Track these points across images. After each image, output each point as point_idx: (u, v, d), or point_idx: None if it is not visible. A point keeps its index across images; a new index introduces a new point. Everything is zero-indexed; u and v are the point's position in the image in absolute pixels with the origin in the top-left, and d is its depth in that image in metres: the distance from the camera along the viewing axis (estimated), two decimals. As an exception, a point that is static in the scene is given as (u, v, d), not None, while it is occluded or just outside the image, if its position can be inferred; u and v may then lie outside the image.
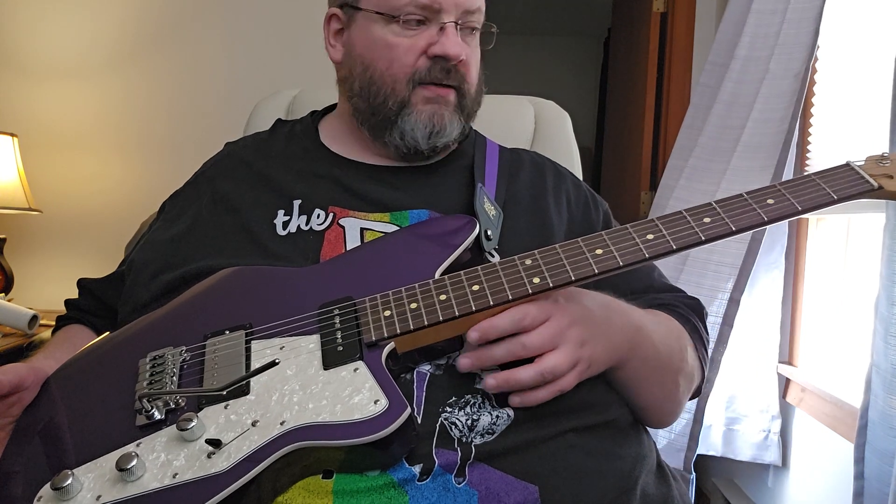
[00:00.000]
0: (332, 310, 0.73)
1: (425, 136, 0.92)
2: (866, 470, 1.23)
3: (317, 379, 0.65)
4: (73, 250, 2.37)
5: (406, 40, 0.91)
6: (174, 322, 0.78)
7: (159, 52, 2.37)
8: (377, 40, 0.92)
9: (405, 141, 0.93)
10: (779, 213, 0.70)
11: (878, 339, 1.21)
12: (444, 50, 0.89)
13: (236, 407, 0.64)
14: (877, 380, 1.20)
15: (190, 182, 1.03)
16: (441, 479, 0.63)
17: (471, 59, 0.94)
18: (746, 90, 1.83)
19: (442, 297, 0.70)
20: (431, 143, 0.93)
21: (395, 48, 0.91)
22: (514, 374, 0.67)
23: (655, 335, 0.81)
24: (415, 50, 0.90)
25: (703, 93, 1.99)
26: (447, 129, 0.93)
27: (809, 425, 1.74)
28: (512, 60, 4.89)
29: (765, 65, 1.79)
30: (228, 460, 0.59)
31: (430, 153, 0.95)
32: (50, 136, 2.33)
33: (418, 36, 0.91)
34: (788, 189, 0.71)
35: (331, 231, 0.87)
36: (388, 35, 0.91)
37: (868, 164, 0.74)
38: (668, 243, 0.70)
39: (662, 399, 0.84)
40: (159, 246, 0.93)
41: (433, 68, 0.90)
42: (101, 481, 0.61)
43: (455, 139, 0.96)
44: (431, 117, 0.92)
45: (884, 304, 1.20)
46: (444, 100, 0.92)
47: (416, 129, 0.92)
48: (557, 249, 0.72)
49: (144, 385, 0.69)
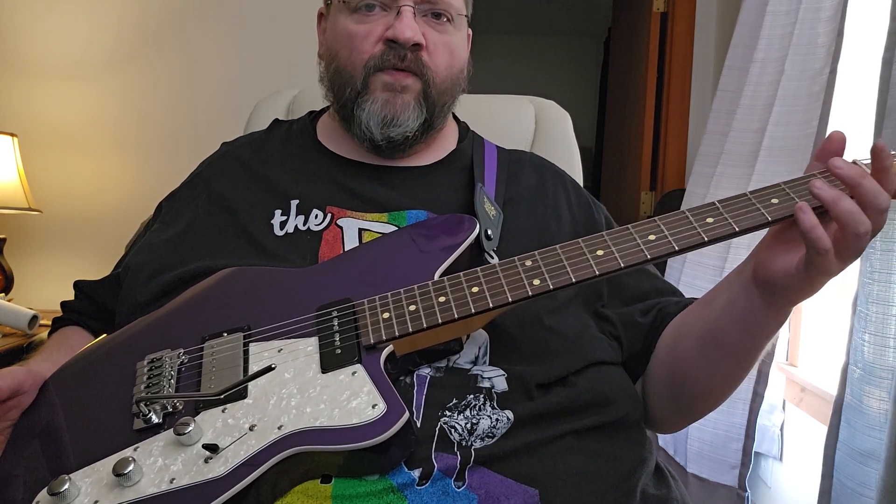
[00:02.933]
0: (331, 312, 0.72)
1: (378, 124, 0.90)
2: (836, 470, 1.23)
3: (315, 382, 0.65)
4: (73, 250, 2.37)
5: (364, 27, 0.90)
6: (172, 324, 0.78)
7: (159, 52, 2.37)
8: (341, 30, 0.92)
9: (362, 131, 0.91)
10: (783, 213, 0.68)
11: (856, 337, 1.21)
12: (395, 33, 0.88)
13: (234, 411, 0.64)
14: (851, 377, 1.20)
15: (186, 182, 1.02)
16: (440, 484, 0.63)
17: (436, 46, 0.92)
18: (765, 92, 1.82)
19: (441, 299, 0.70)
20: (386, 133, 0.90)
21: (355, 36, 0.90)
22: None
23: None
24: (372, 36, 0.89)
25: (723, 97, 1.97)
26: (402, 118, 0.90)
27: (809, 425, 1.74)
28: (512, 60, 4.89)
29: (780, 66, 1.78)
30: (226, 465, 0.59)
31: (388, 146, 0.93)
32: (50, 136, 2.33)
33: (376, 22, 0.90)
34: (793, 188, 0.70)
35: (328, 231, 0.86)
36: (349, 24, 0.91)
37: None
38: (670, 244, 0.68)
39: (740, 375, 0.82)
40: (156, 248, 0.92)
41: (387, 53, 0.89)
42: (98, 486, 0.60)
43: (413, 129, 0.92)
44: (384, 105, 0.89)
45: (862, 301, 1.20)
46: (401, 85, 0.90)
47: (371, 117, 0.90)
48: (558, 251, 0.71)
49: (142, 388, 0.69)
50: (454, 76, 0.95)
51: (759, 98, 1.84)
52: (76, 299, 1.00)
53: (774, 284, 0.70)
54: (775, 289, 0.71)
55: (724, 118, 1.96)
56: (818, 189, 0.64)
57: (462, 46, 0.98)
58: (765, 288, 0.72)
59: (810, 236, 0.64)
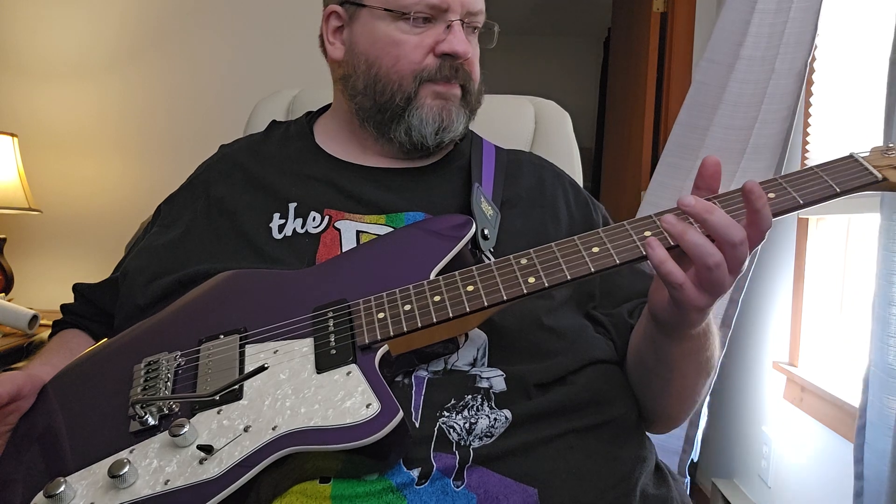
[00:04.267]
0: (326, 312, 0.72)
1: (433, 131, 0.93)
2: (866, 470, 1.23)
3: (309, 383, 0.65)
4: (73, 250, 2.37)
5: (414, 37, 0.91)
6: (169, 327, 0.78)
7: (159, 52, 2.37)
8: (383, 37, 0.92)
9: (411, 136, 0.93)
10: (780, 208, 0.68)
11: (876, 340, 1.21)
12: (452, 48, 0.90)
13: (229, 412, 0.64)
14: (874, 380, 1.20)
15: (185, 186, 1.03)
16: (439, 483, 0.63)
17: (474, 57, 0.95)
18: (752, 90, 1.82)
19: (436, 298, 0.70)
20: (439, 137, 0.93)
21: (403, 45, 0.91)
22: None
23: (713, 323, 0.78)
24: (423, 47, 0.91)
25: (700, 90, 1.95)
26: (455, 124, 0.94)
27: (809, 425, 1.74)
28: (512, 60, 4.88)
29: (770, 64, 1.78)
30: (220, 466, 0.59)
31: (435, 149, 0.96)
32: (50, 136, 2.33)
33: (426, 34, 0.91)
34: (790, 182, 0.70)
35: (327, 234, 0.87)
36: (394, 32, 0.91)
37: (872, 156, 0.72)
38: (665, 241, 0.67)
39: (692, 389, 0.82)
40: (155, 251, 0.93)
41: (442, 66, 0.91)
42: (93, 488, 0.61)
43: (461, 134, 0.97)
44: (440, 112, 0.92)
45: (880, 304, 1.19)
46: (452, 95, 0.93)
47: (426, 124, 0.92)
48: (553, 248, 0.71)
49: (138, 391, 0.69)
50: (481, 83, 0.99)
51: (743, 95, 1.83)
52: (76, 302, 1.00)
53: (657, 317, 0.72)
54: (659, 320, 0.72)
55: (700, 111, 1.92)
56: (667, 223, 0.65)
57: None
58: (655, 319, 0.73)
59: (660, 271, 0.64)
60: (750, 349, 2.13)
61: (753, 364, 2.11)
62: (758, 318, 2.10)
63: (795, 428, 1.82)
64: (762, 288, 2.06)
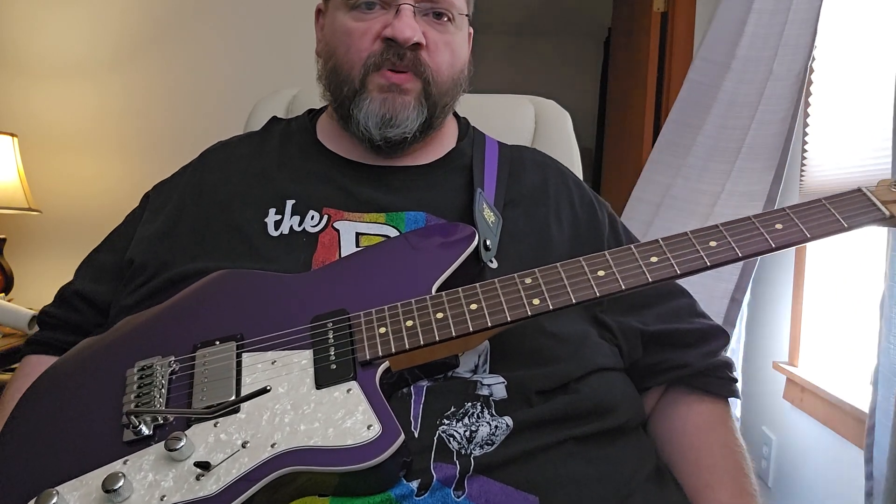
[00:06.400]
0: (326, 324, 0.70)
1: (377, 124, 0.88)
2: (875, 470, 1.23)
3: (309, 399, 0.64)
4: (73, 250, 2.34)
5: (362, 24, 0.88)
6: (163, 328, 0.76)
7: (159, 51, 2.36)
8: (339, 27, 0.90)
9: (360, 131, 0.90)
10: (787, 241, 0.69)
11: (883, 339, 1.20)
12: (393, 32, 0.86)
13: (226, 426, 0.63)
14: (882, 380, 1.19)
15: (178, 172, 1.01)
16: (440, 494, 0.62)
17: (437, 46, 0.90)
18: (748, 91, 1.81)
19: (439, 315, 0.69)
20: (384, 133, 0.89)
21: (353, 33, 0.89)
22: None
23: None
24: (370, 33, 0.88)
25: (693, 89, 1.94)
26: (401, 118, 0.88)
27: (809, 425, 1.74)
28: (512, 60, 4.87)
29: (768, 65, 1.77)
30: (217, 483, 0.58)
31: (392, 147, 0.92)
32: (50, 136, 2.33)
33: (376, 20, 0.88)
34: (798, 214, 0.70)
35: (325, 234, 0.85)
36: (348, 21, 0.89)
37: (879, 190, 0.71)
38: (672, 268, 0.68)
39: None
40: (145, 243, 0.90)
41: (385, 52, 0.87)
42: (86, 501, 0.59)
43: (414, 130, 0.90)
44: (382, 104, 0.88)
45: (888, 303, 1.19)
46: (399, 87, 0.88)
47: (369, 117, 0.88)
48: (559, 269, 0.71)
49: (132, 398, 0.67)
50: (455, 76, 0.94)
51: (739, 95, 1.83)
52: (74, 312, 0.96)
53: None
54: None
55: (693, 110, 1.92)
56: None
57: (463, 46, 0.97)
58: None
59: None
60: (750, 349, 2.12)
61: (753, 364, 2.11)
62: (758, 318, 2.09)
63: (795, 428, 1.82)
64: (762, 288, 2.06)
